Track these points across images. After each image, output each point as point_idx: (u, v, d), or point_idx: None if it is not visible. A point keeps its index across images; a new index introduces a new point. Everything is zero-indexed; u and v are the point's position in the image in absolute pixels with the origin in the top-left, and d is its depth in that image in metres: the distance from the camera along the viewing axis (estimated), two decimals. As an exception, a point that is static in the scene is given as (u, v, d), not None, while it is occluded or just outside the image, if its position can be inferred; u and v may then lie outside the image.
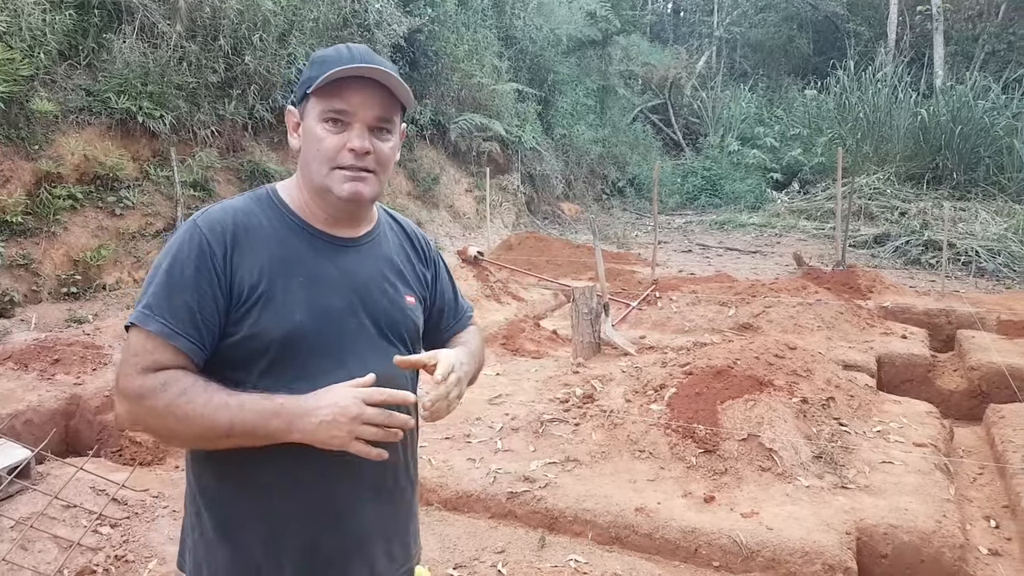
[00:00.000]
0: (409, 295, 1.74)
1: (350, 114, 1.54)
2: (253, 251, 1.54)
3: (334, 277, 1.60)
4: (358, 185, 1.56)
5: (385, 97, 1.57)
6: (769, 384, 4.78)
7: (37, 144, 9.13)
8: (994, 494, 4.42)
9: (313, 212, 1.63)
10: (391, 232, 1.80)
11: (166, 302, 1.47)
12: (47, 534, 3.56)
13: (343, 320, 1.58)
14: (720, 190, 24.03)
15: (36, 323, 7.74)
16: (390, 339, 1.66)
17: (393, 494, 1.69)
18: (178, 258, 1.50)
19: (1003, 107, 20.87)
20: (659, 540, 3.72)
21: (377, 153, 1.57)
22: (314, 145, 1.56)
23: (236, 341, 1.51)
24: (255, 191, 1.68)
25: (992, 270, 13.14)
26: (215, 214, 1.56)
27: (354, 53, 1.57)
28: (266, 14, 12.10)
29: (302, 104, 1.61)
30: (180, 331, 1.46)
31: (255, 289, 1.51)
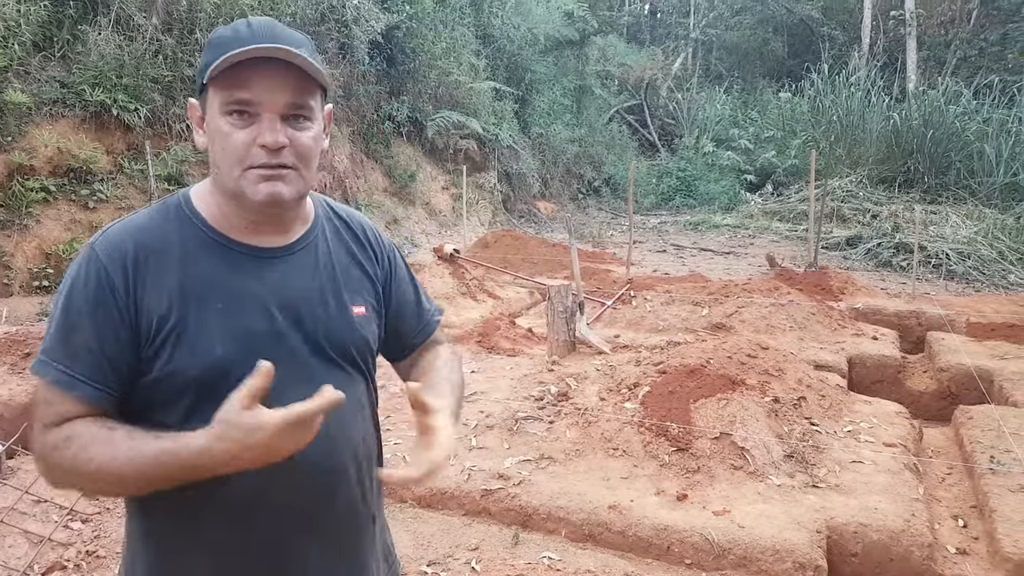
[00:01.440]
0: (357, 305, 1.49)
1: (256, 104, 1.30)
2: (160, 277, 1.32)
3: (259, 296, 1.36)
4: (276, 185, 1.32)
5: (297, 79, 1.31)
6: (741, 383, 4.82)
7: (10, 136, 9.04)
8: (962, 494, 4.48)
9: (230, 221, 1.39)
10: (332, 231, 1.54)
11: (63, 346, 1.29)
12: (17, 529, 3.53)
13: (273, 346, 1.34)
14: (695, 191, 24.16)
15: (7, 316, 7.66)
16: (335, 360, 1.44)
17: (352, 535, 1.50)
18: (74, 293, 1.30)
19: (974, 112, 21.13)
20: (632, 537, 3.75)
21: (295, 145, 1.32)
22: (219, 143, 1.32)
23: (151, 382, 1.31)
24: (165, 200, 1.44)
25: (962, 273, 13.31)
26: (114, 237, 1.34)
27: (255, 30, 1.32)
28: (243, 8, 12.03)
29: (203, 95, 1.35)
30: (81, 378, 1.27)
31: (165, 322, 1.30)
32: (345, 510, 1.45)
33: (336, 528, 1.45)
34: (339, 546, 1.47)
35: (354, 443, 1.44)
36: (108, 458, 1.22)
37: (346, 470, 1.43)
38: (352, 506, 1.47)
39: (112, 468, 1.22)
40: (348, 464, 1.44)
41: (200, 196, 1.43)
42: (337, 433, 1.39)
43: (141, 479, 1.23)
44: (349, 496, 1.45)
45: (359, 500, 1.48)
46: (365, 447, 1.49)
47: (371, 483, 1.54)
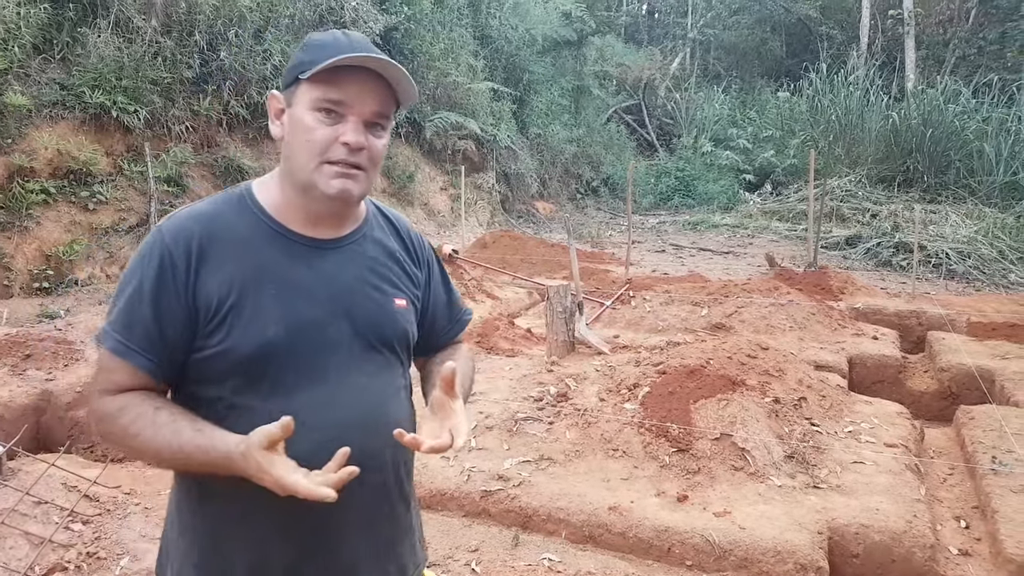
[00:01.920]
0: (399, 298, 1.60)
1: (346, 106, 1.42)
2: (221, 262, 1.43)
3: (311, 284, 1.47)
4: (347, 183, 1.44)
5: (385, 91, 1.45)
6: (742, 384, 4.82)
7: (10, 138, 9.03)
8: (964, 495, 4.48)
9: (292, 212, 1.50)
10: (380, 230, 1.66)
11: (124, 317, 1.41)
12: (18, 530, 3.52)
13: (321, 330, 1.46)
14: (693, 191, 24.16)
15: (7, 318, 7.65)
16: (376, 347, 1.54)
17: (385, 518, 1.58)
18: (140, 271, 1.42)
19: (973, 111, 21.13)
20: (632, 539, 3.74)
21: (371, 149, 1.45)
22: (303, 135, 1.43)
23: (206, 357, 1.42)
24: (229, 191, 1.56)
25: (962, 272, 13.31)
26: (180, 222, 1.45)
27: (353, 41, 1.45)
28: (242, 10, 12.03)
29: (290, 89, 1.47)
30: (135, 348, 1.39)
31: (223, 303, 1.40)
32: (379, 492, 1.54)
33: (369, 509, 1.53)
34: (374, 527, 1.56)
35: (390, 429, 1.46)
36: (150, 436, 1.35)
37: (382, 453, 1.51)
38: (386, 489, 1.56)
39: (152, 446, 1.36)
40: (383, 447, 1.50)
41: (263, 189, 1.55)
42: (374, 416, 1.50)
43: (175, 460, 1.37)
44: (383, 479, 1.54)
45: (393, 484, 1.57)
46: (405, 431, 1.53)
47: (405, 468, 1.63)
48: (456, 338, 1.87)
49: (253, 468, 1.28)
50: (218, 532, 1.48)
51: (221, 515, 1.47)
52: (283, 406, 1.36)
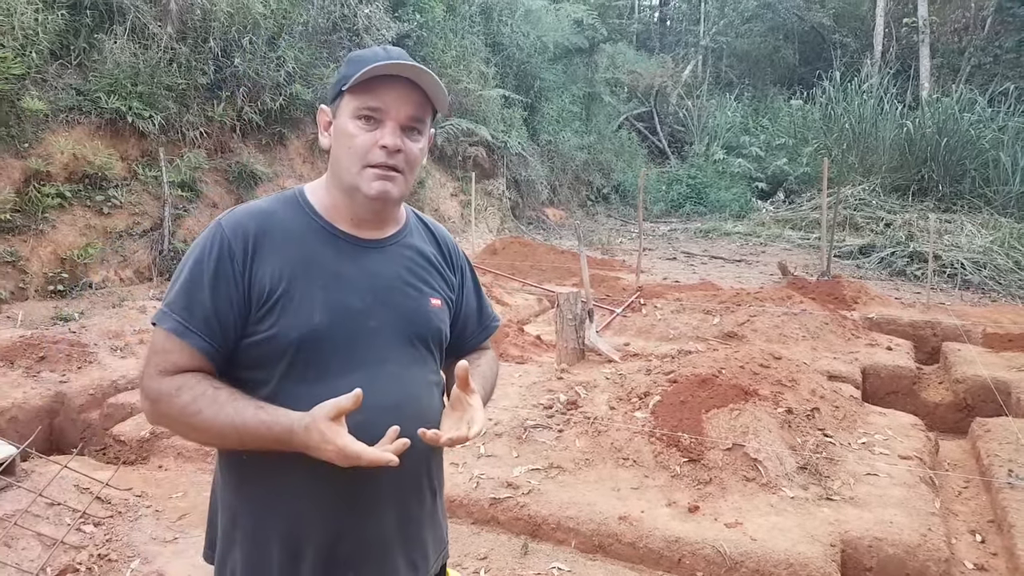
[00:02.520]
0: (435, 298, 1.72)
1: (383, 112, 1.55)
2: (274, 254, 1.54)
3: (355, 278, 1.60)
4: (386, 184, 1.56)
5: (419, 97, 1.57)
6: (754, 394, 4.79)
7: (27, 142, 9.11)
8: (980, 508, 4.44)
9: (339, 212, 1.63)
10: (419, 235, 1.79)
11: (184, 300, 1.50)
12: (31, 532, 3.54)
13: (362, 321, 1.58)
14: (705, 198, 24.11)
15: (22, 320, 7.70)
16: (412, 341, 1.65)
17: (415, 502, 1.67)
18: (200, 259, 1.52)
19: (989, 120, 21.04)
20: (643, 549, 3.72)
21: (407, 152, 1.57)
22: (346, 142, 1.56)
23: (256, 342, 1.52)
24: (283, 192, 1.69)
25: (978, 283, 13.23)
26: (239, 216, 1.58)
27: (391, 53, 1.57)
28: (256, 17, 12.10)
29: (335, 102, 1.61)
30: (194, 329, 1.48)
31: (275, 292, 1.52)
32: (410, 477, 1.61)
33: (400, 492, 1.61)
34: (405, 510, 1.64)
35: (421, 419, 1.56)
36: (212, 414, 1.44)
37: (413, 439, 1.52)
38: (416, 475, 1.65)
39: (215, 423, 1.44)
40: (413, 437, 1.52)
41: (313, 191, 1.68)
42: (408, 403, 1.59)
43: (236, 436, 1.44)
44: (414, 465, 1.60)
45: (423, 471, 1.67)
46: (433, 423, 1.59)
47: (436, 459, 1.73)
48: (484, 343, 1.98)
49: (316, 439, 1.37)
50: (256, 510, 1.57)
51: (259, 494, 1.57)
52: (325, 391, 1.45)
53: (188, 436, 1.52)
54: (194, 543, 3.77)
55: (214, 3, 11.53)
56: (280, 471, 1.52)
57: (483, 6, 20.11)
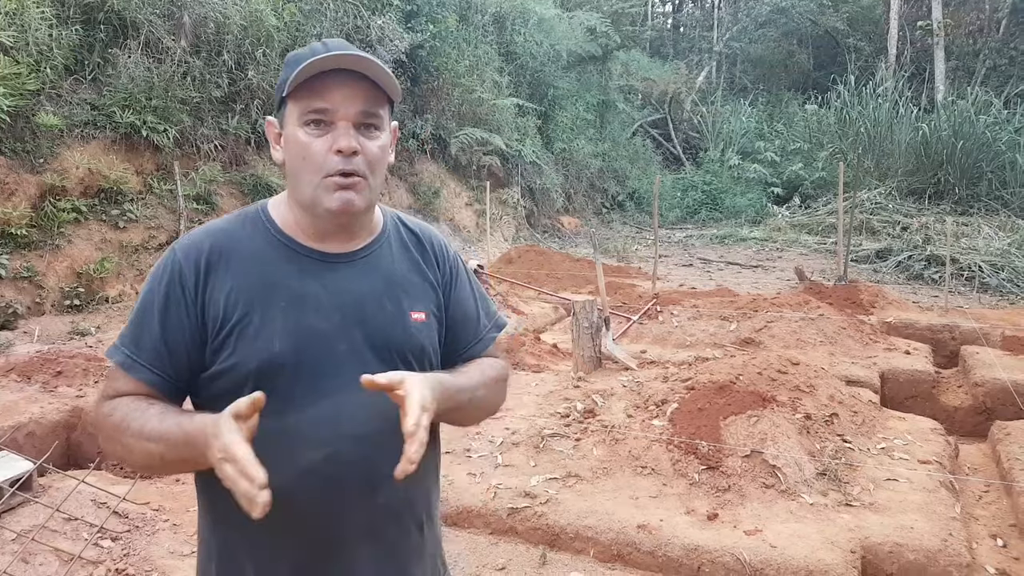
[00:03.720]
0: (417, 312, 1.55)
1: (332, 112, 1.40)
2: (231, 277, 1.43)
3: (321, 297, 1.45)
4: (349, 194, 1.41)
5: (368, 88, 1.41)
6: (772, 400, 4.76)
7: (42, 158, 9.18)
8: (1000, 512, 4.39)
9: (303, 227, 1.50)
10: (399, 243, 1.62)
11: (133, 332, 1.43)
12: (48, 547, 3.54)
13: (330, 344, 1.43)
14: (720, 204, 24.05)
15: (39, 335, 7.75)
16: (390, 362, 1.48)
17: (394, 536, 1.52)
18: (151, 287, 1.44)
19: (1005, 122, 20.93)
20: (662, 558, 3.70)
21: (366, 153, 1.42)
22: (299, 153, 1.42)
23: (215, 373, 1.41)
24: (245, 209, 1.57)
25: (996, 285, 13.13)
26: (194, 238, 1.48)
27: (329, 46, 1.42)
28: (269, 30, 12.17)
29: (280, 111, 1.47)
30: (143, 362, 1.40)
31: (231, 318, 1.40)
32: (385, 511, 1.47)
33: (376, 528, 1.47)
34: (383, 546, 1.49)
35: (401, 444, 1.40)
36: (139, 426, 1.34)
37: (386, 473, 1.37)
38: (393, 508, 1.49)
39: (140, 436, 1.34)
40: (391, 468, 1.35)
41: (275, 205, 1.56)
42: (384, 435, 1.41)
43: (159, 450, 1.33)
44: (390, 497, 1.47)
45: (403, 501, 1.50)
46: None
47: (421, 488, 1.57)
48: (482, 355, 1.73)
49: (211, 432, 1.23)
50: (228, 549, 1.48)
51: (230, 534, 1.47)
52: (293, 424, 1.37)
53: (127, 460, 1.41)
54: (211, 555, 3.76)
55: (227, 16, 11.60)
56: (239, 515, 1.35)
57: (496, 15, 20.16)
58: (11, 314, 8.07)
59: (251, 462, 1.18)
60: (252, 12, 11.89)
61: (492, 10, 19.93)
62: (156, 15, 10.88)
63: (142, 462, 1.40)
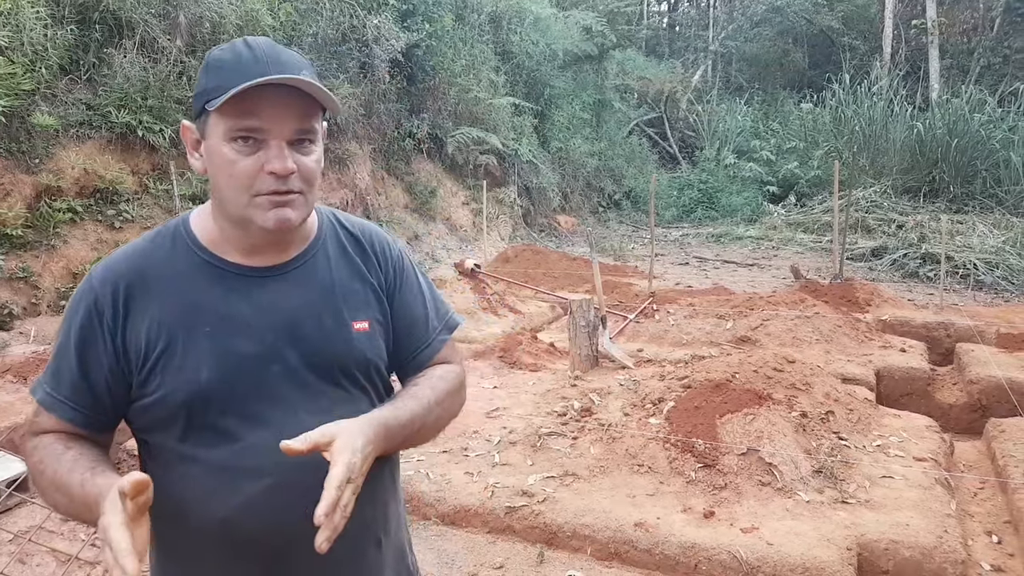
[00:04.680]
0: (359, 321, 1.45)
1: (264, 131, 1.28)
2: (151, 303, 1.34)
3: (249, 317, 1.36)
4: (285, 211, 1.31)
5: (303, 105, 1.31)
6: (768, 398, 4.77)
7: (37, 158, 9.15)
8: (996, 509, 4.41)
9: (230, 241, 1.39)
10: (336, 247, 1.51)
11: (53, 366, 1.38)
12: (45, 548, 3.55)
13: (263, 368, 1.35)
14: (716, 203, 24.05)
15: (35, 336, 7.73)
16: (332, 379, 1.41)
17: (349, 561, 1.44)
18: (69, 321, 1.37)
19: (999, 120, 20.95)
20: (659, 556, 3.71)
21: (302, 170, 1.32)
22: (225, 170, 1.30)
23: (145, 406, 1.35)
24: (166, 225, 1.46)
25: (990, 283, 13.15)
26: (111, 264, 1.38)
27: (257, 54, 1.29)
28: (265, 29, 12.15)
29: (201, 119, 1.34)
30: (62, 399, 1.35)
31: (153, 348, 1.32)
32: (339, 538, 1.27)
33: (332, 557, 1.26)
34: (336, 571, 1.41)
35: None
36: (52, 472, 1.30)
37: None
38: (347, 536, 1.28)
39: (53, 482, 1.30)
40: None
41: (198, 219, 1.44)
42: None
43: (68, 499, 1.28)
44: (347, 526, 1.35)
45: (356, 524, 1.31)
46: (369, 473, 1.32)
47: (376, 509, 1.49)
48: (433, 360, 1.61)
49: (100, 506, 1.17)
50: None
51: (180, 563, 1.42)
52: (230, 455, 1.32)
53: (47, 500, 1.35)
54: (209, 555, 3.77)
55: (223, 16, 11.59)
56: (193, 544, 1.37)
57: (492, 15, 20.16)
58: (7, 315, 8.05)
59: (123, 551, 1.09)
60: (248, 11, 11.88)
61: (488, 9, 19.93)
62: (151, 14, 10.86)
63: (54, 508, 1.37)
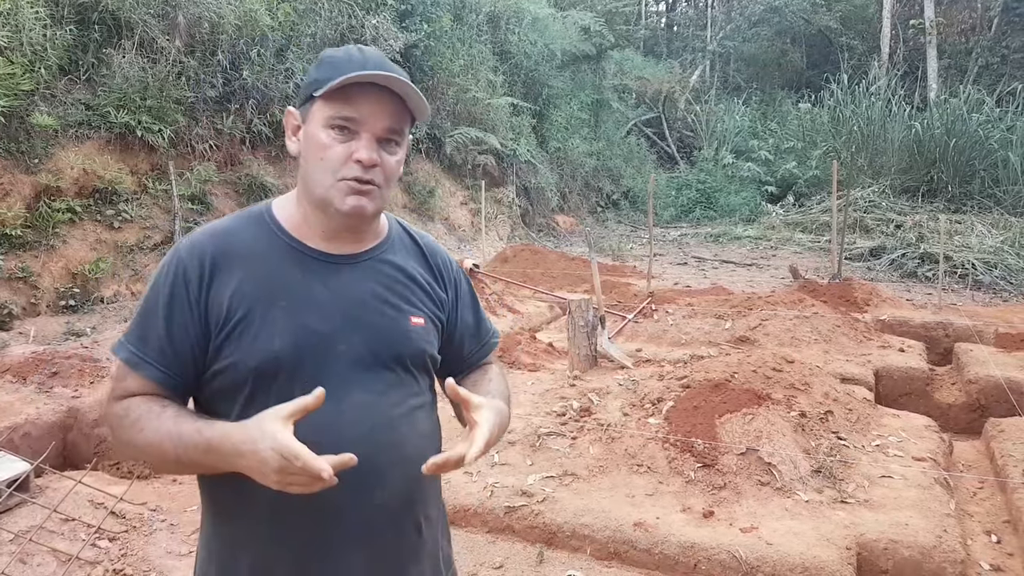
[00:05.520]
0: (416, 316, 1.58)
1: (359, 122, 1.44)
2: (234, 276, 1.45)
3: (322, 298, 1.48)
4: (362, 200, 1.45)
5: (397, 107, 1.46)
6: (767, 398, 4.78)
7: (37, 158, 9.16)
8: (995, 509, 4.41)
9: (309, 227, 1.52)
10: (402, 249, 1.65)
11: (139, 329, 1.46)
12: (46, 548, 3.55)
13: (329, 345, 1.46)
14: (715, 203, 24.08)
15: (35, 336, 7.73)
16: (388, 364, 1.52)
17: (392, 539, 1.53)
18: (156, 286, 1.47)
19: (997, 120, 20.99)
20: (658, 555, 3.71)
21: (384, 166, 1.46)
22: (317, 153, 1.45)
23: (218, 371, 1.44)
24: (250, 209, 1.59)
25: (989, 283, 13.17)
26: (198, 238, 1.50)
27: (367, 57, 1.46)
28: (264, 30, 12.16)
29: (305, 106, 1.49)
30: (148, 359, 1.42)
31: (233, 316, 1.43)
32: (382, 514, 1.49)
33: (373, 529, 1.48)
34: (378, 548, 1.51)
35: (400, 448, 1.49)
36: (154, 430, 1.36)
37: (383, 474, 1.47)
38: (390, 509, 1.50)
39: (155, 438, 1.36)
40: (388, 469, 1.48)
41: (282, 206, 1.57)
42: (381, 435, 1.47)
43: (175, 452, 1.35)
44: (387, 498, 1.49)
45: (400, 505, 1.51)
46: (415, 453, 1.48)
47: (419, 492, 1.58)
48: (484, 360, 1.83)
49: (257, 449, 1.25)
50: (227, 547, 1.50)
51: (229, 531, 1.50)
52: None
53: (140, 458, 1.45)
54: (209, 555, 3.77)
55: (222, 16, 11.59)
56: (247, 508, 1.44)
57: (490, 15, 20.18)
58: (6, 315, 8.06)
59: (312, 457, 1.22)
60: (246, 12, 11.88)
61: (486, 9, 19.94)
62: (150, 15, 10.86)
63: (156, 463, 1.43)
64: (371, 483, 1.44)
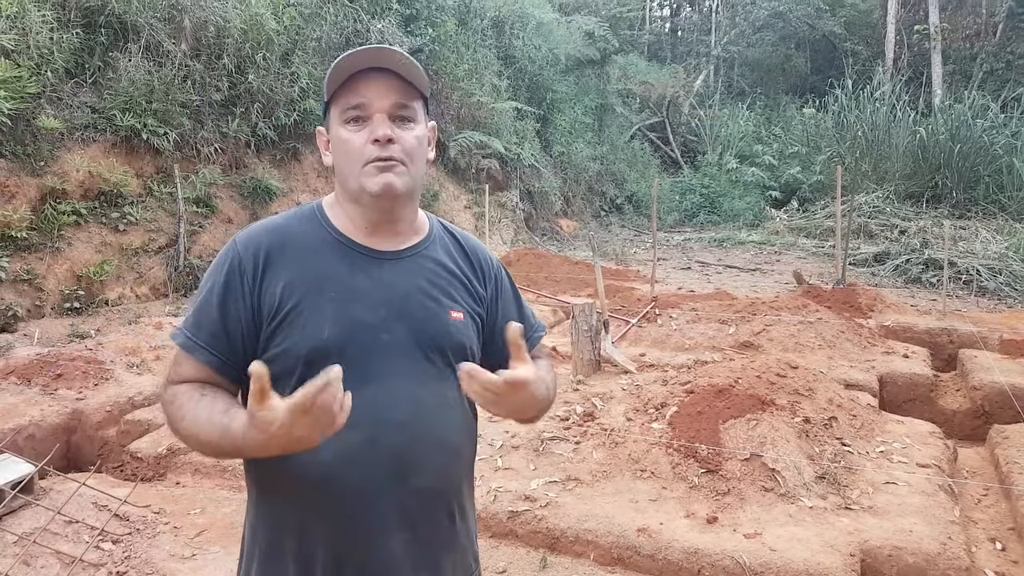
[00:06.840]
0: (456, 311, 1.64)
1: (367, 107, 1.53)
2: (287, 269, 1.54)
3: (369, 291, 1.56)
4: (388, 176, 1.52)
5: (400, 83, 1.55)
6: (771, 403, 4.77)
7: (43, 160, 9.19)
8: (999, 516, 4.40)
9: (354, 224, 1.61)
10: (444, 247, 1.73)
11: (195, 316, 1.54)
12: (49, 550, 3.55)
13: (374, 335, 1.53)
14: (719, 207, 24.06)
15: (39, 338, 7.75)
16: (429, 356, 1.58)
17: (427, 526, 1.58)
18: (212, 275, 1.56)
19: (1002, 126, 20.95)
20: (661, 561, 3.71)
21: (402, 141, 1.54)
22: (342, 148, 1.55)
23: (269, 358, 1.48)
24: (301, 207, 1.69)
25: (993, 289, 13.14)
26: (254, 231, 1.60)
27: (363, 48, 1.55)
28: (269, 33, 12.19)
29: (326, 119, 1.61)
30: (202, 344, 1.51)
31: (284, 306, 1.51)
32: (418, 499, 1.55)
33: (408, 515, 1.54)
34: (415, 534, 1.56)
35: (437, 436, 1.56)
36: (192, 419, 1.44)
37: (421, 461, 1.53)
38: (425, 496, 1.56)
39: (192, 428, 1.44)
40: (425, 456, 1.54)
41: (329, 204, 1.67)
42: (420, 422, 1.54)
43: (212, 444, 1.42)
44: (422, 485, 1.54)
45: (434, 491, 1.58)
46: (452, 442, 1.59)
47: (454, 480, 1.65)
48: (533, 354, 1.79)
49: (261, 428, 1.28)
50: (271, 527, 1.56)
51: (273, 511, 1.56)
52: None
53: (186, 443, 1.50)
54: (212, 560, 3.78)
55: (228, 20, 11.62)
56: (288, 492, 1.51)
57: (495, 20, 20.20)
58: (11, 317, 8.08)
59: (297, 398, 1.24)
60: (252, 16, 11.92)
61: (491, 14, 19.96)
62: (157, 19, 10.90)
63: (199, 449, 1.48)
64: (408, 469, 1.51)
